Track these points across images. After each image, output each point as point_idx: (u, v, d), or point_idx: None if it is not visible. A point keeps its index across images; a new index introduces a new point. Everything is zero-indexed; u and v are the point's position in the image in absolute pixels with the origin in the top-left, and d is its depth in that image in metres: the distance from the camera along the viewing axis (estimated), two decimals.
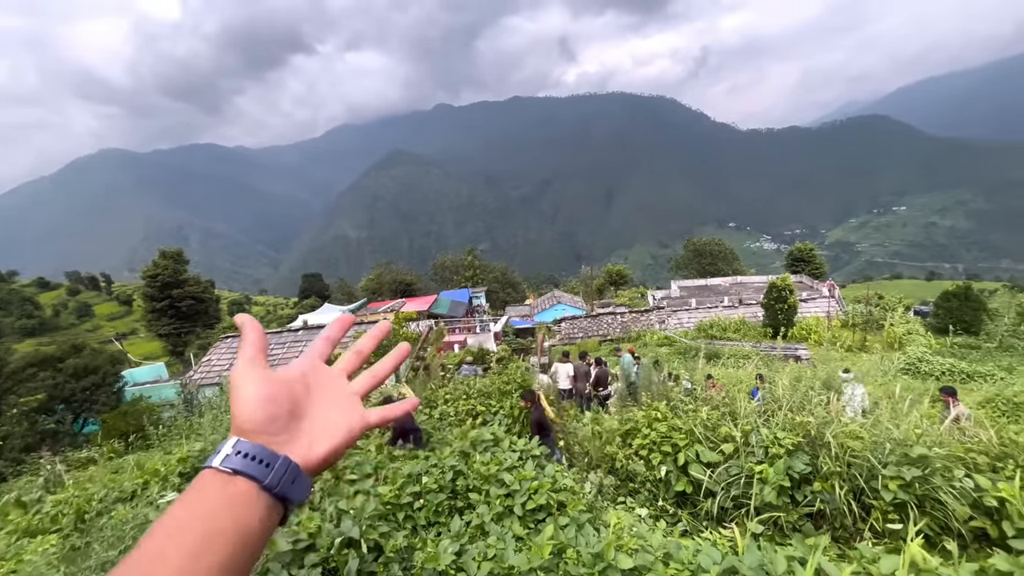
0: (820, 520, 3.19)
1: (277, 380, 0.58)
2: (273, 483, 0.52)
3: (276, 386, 0.57)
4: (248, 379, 0.57)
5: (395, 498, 3.04)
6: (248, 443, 0.53)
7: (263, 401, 0.56)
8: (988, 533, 2.69)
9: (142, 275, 42.01)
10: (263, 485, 0.51)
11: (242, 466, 0.51)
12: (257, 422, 0.55)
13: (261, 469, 0.51)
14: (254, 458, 0.52)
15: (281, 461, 0.53)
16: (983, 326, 22.48)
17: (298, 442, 0.56)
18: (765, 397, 5.31)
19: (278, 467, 0.52)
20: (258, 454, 0.52)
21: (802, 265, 44.74)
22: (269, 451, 0.53)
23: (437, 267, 64.67)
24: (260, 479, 0.51)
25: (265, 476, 0.51)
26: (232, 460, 0.51)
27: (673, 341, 22.07)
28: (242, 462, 0.51)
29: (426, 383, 7.40)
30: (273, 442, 0.54)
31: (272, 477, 0.52)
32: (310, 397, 0.60)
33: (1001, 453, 3.24)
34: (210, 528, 0.47)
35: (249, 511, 0.50)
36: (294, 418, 0.57)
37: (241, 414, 0.55)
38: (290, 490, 0.53)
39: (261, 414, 0.55)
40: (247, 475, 0.51)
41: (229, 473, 0.50)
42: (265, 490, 0.51)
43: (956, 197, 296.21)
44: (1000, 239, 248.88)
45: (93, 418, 16.47)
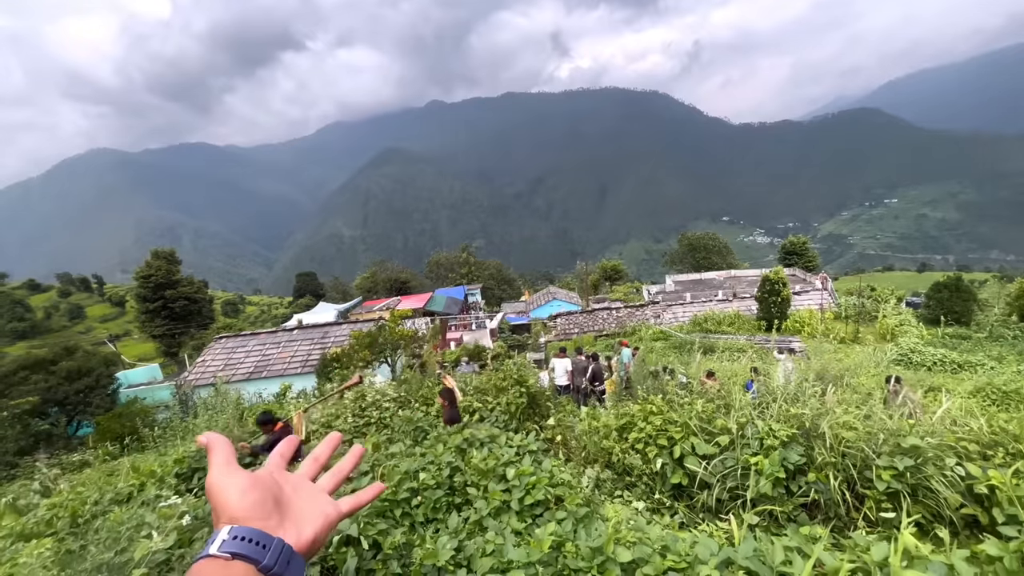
0: (815, 510, 3.22)
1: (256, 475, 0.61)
2: (270, 564, 0.52)
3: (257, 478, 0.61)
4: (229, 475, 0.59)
5: (392, 495, 3.04)
6: (242, 527, 0.54)
7: (249, 489, 0.58)
8: (979, 520, 2.73)
9: (135, 276, 41.61)
10: (261, 566, 0.52)
11: (239, 548, 0.52)
12: (247, 508, 0.56)
13: (258, 551, 0.52)
14: (250, 540, 0.53)
15: (276, 542, 0.54)
16: (973, 316, 22.74)
17: (287, 526, 0.58)
18: (760, 390, 5.35)
19: (274, 548, 0.54)
20: (254, 536, 0.53)
21: (795, 258, 45.02)
22: (264, 533, 0.54)
23: (432, 265, 64.55)
24: (258, 559, 0.52)
25: (263, 557, 0.52)
26: (229, 544, 0.52)
27: (669, 335, 22.17)
28: (239, 545, 0.52)
29: (423, 380, 7.40)
30: (265, 526, 0.56)
31: (269, 558, 0.52)
32: (284, 493, 0.63)
33: (991, 441, 3.29)
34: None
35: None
36: (278, 507, 0.60)
37: (229, 502, 0.56)
38: (287, 570, 0.54)
39: (249, 500, 0.57)
40: (245, 557, 0.51)
41: (227, 558, 0.51)
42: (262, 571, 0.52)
43: (946, 189, 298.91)
44: (989, 230, 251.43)
45: (87, 421, 16.34)
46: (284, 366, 16.90)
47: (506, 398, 6.29)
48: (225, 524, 0.55)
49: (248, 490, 0.57)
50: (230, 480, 0.58)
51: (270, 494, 0.60)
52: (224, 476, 0.59)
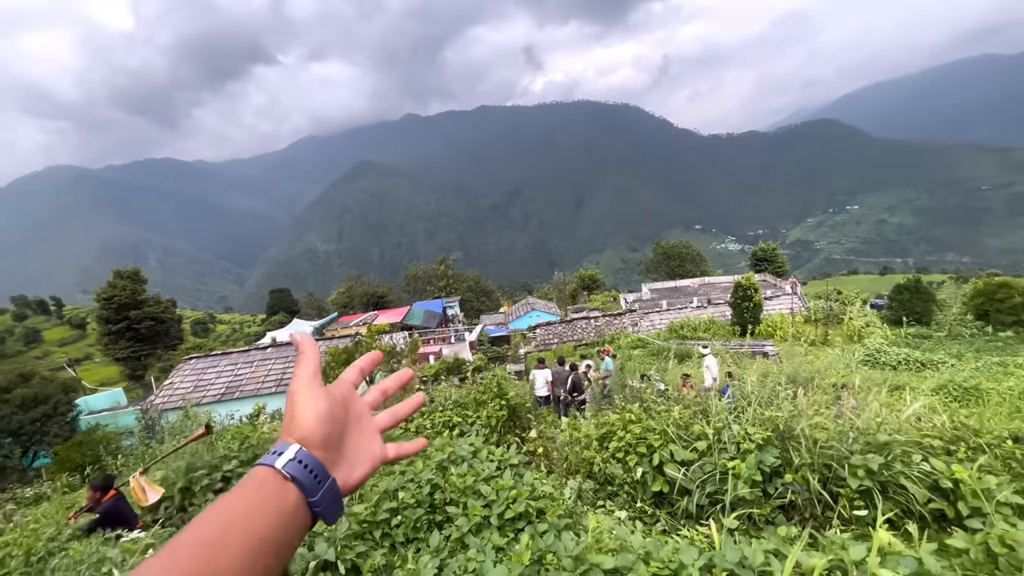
0: (792, 511, 3.28)
1: (335, 400, 0.61)
2: (320, 500, 0.54)
3: (335, 406, 0.60)
4: (314, 394, 0.59)
5: (371, 515, 2.96)
6: (308, 454, 0.55)
7: (327, 419, 0.58)
8: (946, 514, 2.83)
9: (96, 297, 39.91)
10: (311, 500, 0.53)
11: (300, 474, 0.53)
12: (320, 437, 0.57)
13: (314, 484, 0.54)
14: (310, 470, 0.54)
15: (331, 481, 0.56)
16: (933, 316, 23.78)
17: (342, 465, 0.59)
18: (735, 394, 5.45)
19: (328, 485, 0.55)
20: (315, 468, 0.54)
21: (765, 264, 46.36)
22: (323, 467, 0.55)
23: (409, 278, 64.00)
24: (311, 493, 0.53)
25: (316, 491, 0.53)
26: (293, 466, 0.53)
27: (647, 343, 22.45)
28: (301, 471, 0.53)
29: (401, 396, 7.30)
30: (326, 459, 0.57)
31: (321, 494, 0.54)
32: (348, 423, 0.63)
33: (954, 437, 3.42)
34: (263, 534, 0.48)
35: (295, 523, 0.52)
36: (340, 440, 0.60)
37: (305, 425, 0.56)
38: (328, 511, 0.55)
39: (324, 430, 0.57)
40: (302, 485, 0.53)
41: (287, 478, 0.52)
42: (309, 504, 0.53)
43: (903, 196, 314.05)
44: (944, 234, 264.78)
45: (44, 451, 15.49)
46: (257, 386, 16.40)
47: (486, 411, 6.24)
48: (295, 442, 0.55)
49: (325, 419, 0.58)
50: (313, 401, 0.58)
51: (340, 426, 0.60)
52: (309, 394, 0.59)
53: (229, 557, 0.44)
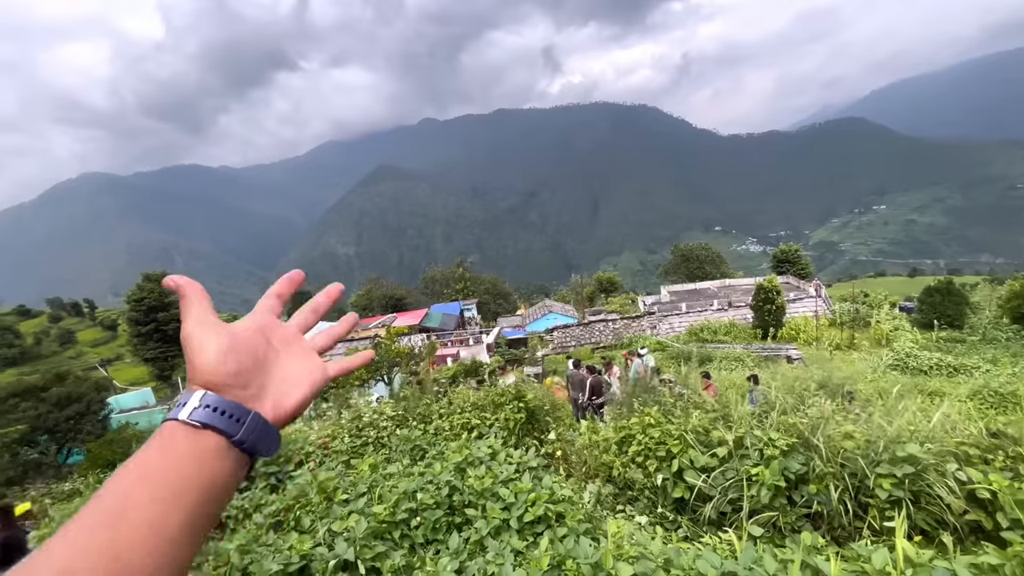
0: (818, 520, 3.19)
1: (238, 332, 0.56)
2: (244, 439, 0.50)
3: (238, 338, 0.55)
4: (208, 331, 0.53)
5: (390, 516, 2.98)
6: (216, 396, 0.50)
7: (228, 353, 0.52)
8: (983, 526, 2.72)
9: (126, 299, 41.28)
10: (233, 440, 0.49)
11: (211, 419, 0.48)
12: (224, 375, 0.51)
13: (231, 424, 0.49)
14: (223, 412, 0.49)
15: (252, 416, 0.51)
16: (966, 319, 22.92)
17: (266, 396, 0.55)
18: (758, 399, 5.34)
19: (249, 422, 0.51)
20: (227, 408, 0.50)
21: (788, 266, 45.34)
22: (238, 406, 0.51)
23: (427, 280, 64.49)
24: (231, 434, 0.49)
25: (236, 431, 0.49)
26: (200, 413, 0.48)
27: (665, 346, 22.17)
28: (211, 415, 0.49)
29: (420, 398, 7.34)
30: (241, 396, 0.52)
31: (243, 432, 0.50)
32: (270, 350, 0.58)
33: (991, 445, 3.29)
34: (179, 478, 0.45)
35: (218, 464, 0.48)
36: (259, 371, 0.55)
37: (205, 366, 0.51)
38: (260, 445, 0.52)
39: (228, 367, 0.52)
40: (217, 429, 0.48)
41: (197, 427, 0.48)
42: (235, 445, 0.49)
43: (933, 195, 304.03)
44: (977, 234, 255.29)
45: (78, 448, 16.06)
46: None
47: (504, 413, 6.24)
48: (199, 388, 0.51)
49: (227, 353, 0.52)
50: (210, 338, 0.52)
51: (251, 356, 0.55)
52: (203, 331, 0.52)
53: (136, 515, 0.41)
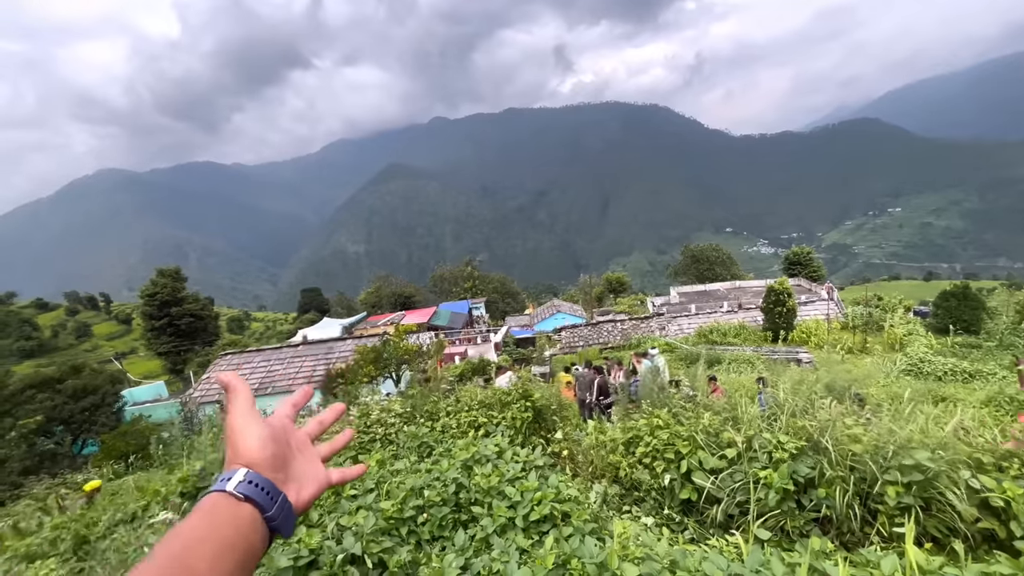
0: (827, 525, 3.16)
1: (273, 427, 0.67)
2: (275, 515, 0.58)
3: (274, 429, 0.67)
4: (251, 421, 0.64)
5: (398, 512, 3.01)
6: (257, 474, 0.60)
7: (269, 441, 0.64)
8: (996, 534, 2.67)
9: (140, 294, 41.96)
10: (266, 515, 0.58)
11: (252, 493, 0.57)
12: (264, 458, 0.62)
13: (267, 499, 0.58)
14: (262, 489, 0.58)
15: (283, 497, 0.61)
16: (983, 325, 22.47)
17: (291, 483, 0.65)
18: (768, 401, 5.29)
19: (281, 501, 0.60)
20: (266, 486, 0.59)
21: (799, 268, 44.80)
22: (274, 485, 0.60)
23: (436, 279, 64.69)
24: (266, 509, 0.58)
25: (270, 507, 0.58)
26: (244, 487, 0.57)
27: (674, 347, 22.03)
28: (252, 490, 0.58)
29: (428, 395, 7.38)
30: (275, 479, 0.62)
31: (276, 509, 0.59)
32: (291, 449, 0.69)
33: (1006, 452, 3.23)
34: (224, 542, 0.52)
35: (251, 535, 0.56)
36: (287, 462, 0.66)
37: (251, 450, 0.62)
38: (283, 524, 0.60)
39: (268, 451, 0.63)
40: (255, 503, 0.57)
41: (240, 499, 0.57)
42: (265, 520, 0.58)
43: (949, 197, 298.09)
44: (995, 238, 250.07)
45: (92, 439, 16.34)
46: (289, 382, 16.90)
47: (511, 412, 6.25)
48: (242, 466, 0.60)
49: (267, 442, 0.63)
50: (252, 427, 0.64)
51: (282, 447, 0.66)
52: (247, 421, 0.64)
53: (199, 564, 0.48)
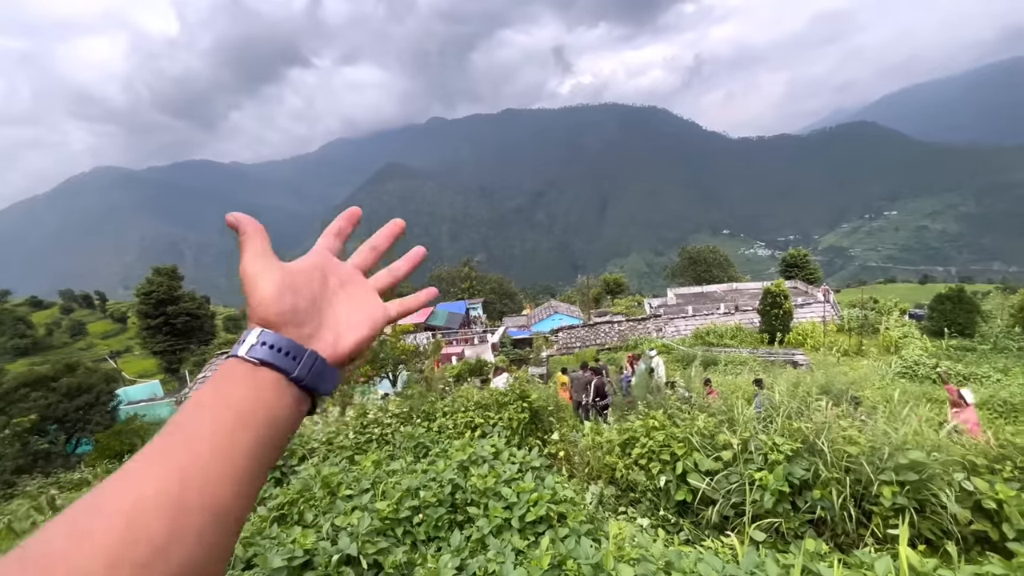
0: (822, 526, 3.17)
1: (295, 270, 0.55)
2: (301, 376, 0.49)
3: (296, 276, 0.54)
4: (265, 268, 0.53)
5: (393, 513, 3.00)
6: (273, 334, 0.50)
7: (286, 291, 0.52)
8: (989, 536, 2.69)
9: (136, 292, 41.74)
10: (291, 377, 0.49)
11: (268, 357, 0.48)
12: (281, 313, 0.51)
13: (288, 361, 0.49)
14: (280, 350, 0.49)
15: (308, 354, 0.50)
16: (977, 328, 22.62)
17: (323, 335, 0.54)
18: (764, 403, 5.31)
19: (305, 360, 0.50)
20: (284, 346, 0.49)
21: (796, 271, 45.00)
22: (295, 344, 0.50)
23: (433, 279, 64.65)
24: (288, 371, 0.49)
25: (293, 368, 0.49)
26: (257, 351, 0.48)
27: (671, 349, 22.08)
28: (268, 353, 0.48)
29: (425, 396, 7.37)
30: (299, 335, 0.51)
31: (300, 370, 0.49)
32: (328, 290, 0.57)
33: (999, 455, 3.25)
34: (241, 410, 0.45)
35: (278, 400, 0.48)
36: (316, 310, 0.54)
37: (263, 304, 0.51)
38: (318, 382, 0.51)
39: (285, 304, 0.51)
40: (274, 366, 0.48)
41: (255, 364, 0.48)
42: (293, 382, 0.49)
43: (946, 201, 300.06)
44: (990, 242, 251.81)
45: (87, 438, 16.26)
46: None
47: (508, 413, 6.25)
48: (256, 326, 0.50)
49: (284, 291, 0.52)
50: (267, 274, 0.52)
51: (308, 295, 0.54)
52: (260, 267, 0.53)
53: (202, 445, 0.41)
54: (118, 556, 0.34)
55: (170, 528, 0.36)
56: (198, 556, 0.38)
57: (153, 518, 0.36)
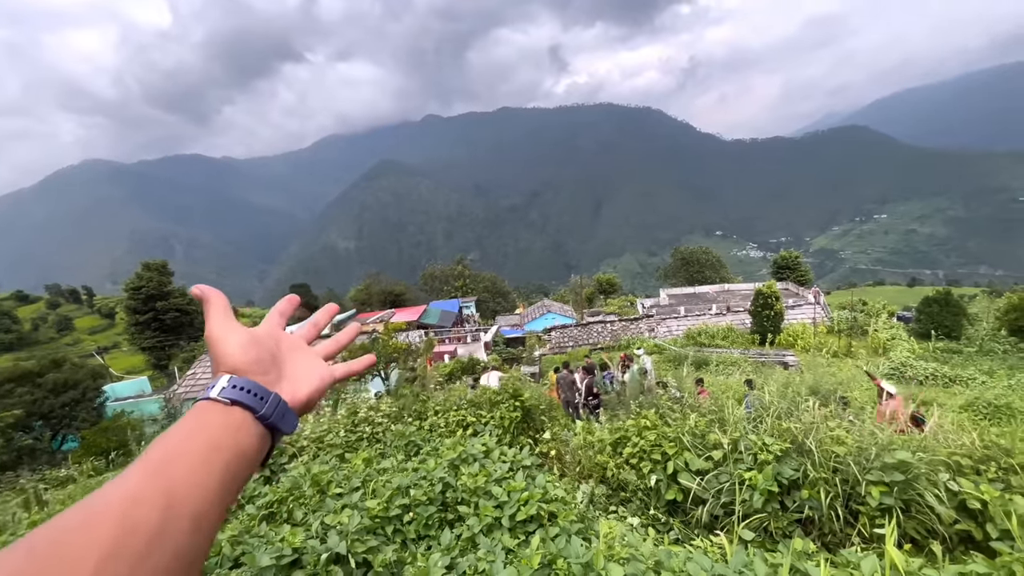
0: (810, 526, 3.20)
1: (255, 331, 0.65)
2: (267, 414, 0.56)
3: (256, 335, 0.64)
4: (230, 329, 0.62)
5: (383, 511, 2.99)
6: (241, 378, 0.57)
7: (250, 345, 0.61)
8: (973, 535, 2.73)
9: (125, 287, 41.20)
10: (258, 415, 0.56)
11: (239, 396, 0.55)
12: (248, 362, 0.60)
13: (256, 400, 0.56)
14: (249, 391, 0.56)
15: (273, 395, 0.58)
16: (964, 331, 22.95)
17: (284, 383, 0.62)
18: (754, 404, 5.35)
19: (271, 400, 0.58)
20: (251, 387, 0.57)
21: (787, 272, 45.40)
22: (261, 386, 0.58)
23: (427, 277, 64.45)
24: (256, 409, 0.56)
25: (260, 407, 0.56)
26: (229, 392, 0.55)
27: (663, 349, 22.19)
28: (238, 393, 0.56)
29: (416, 395, 7.35)
30: (264, 380, 0.60)
31: (267, 408, 0.57)
32: (282, 351, 0.66)
33: (983, 456, 3.30)
34: (215, 442, 0.51)
35: (246, 434, 0.55)
36: (276, 364, 0.64)
37: (231, 355, 0.59)
38: (281, 422, 0.58)
39: (250, 355, 0.60)
40: (243, 405, 0.55)
41: (226, 403, 0.55)
42: (259, 420, 0.56)
43: (935, 205, 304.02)
44: (977, 245, 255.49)
45: (72, 435, 16.03)
46: None
47: (500, 412, 6.24)
48: (225, 373, 0.58)
49: (248, 345, 0.61)
50: (231, 334, 0.61)
51: (268, 352, 0.63)
52: (225, 329, 0.61)
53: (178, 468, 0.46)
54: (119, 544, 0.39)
55: (162, 520, 0.42)
56: (186, 549, 0.43)
57: (148, 511, 0.42)
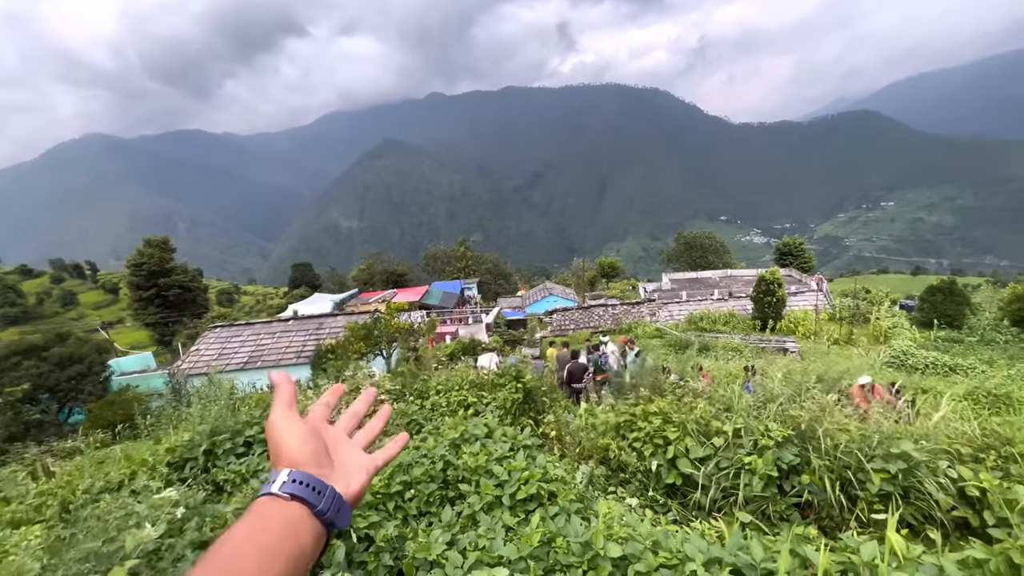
0: (808, 510, 3.23)
1: (312, 425, 0.68)
2: (324, 509, 0.58)
3: (314, 427, 0.67)
4: (290, 421, 0.65)
5: (385, 488, 3.02)
6: (301, 472, 0.60)
7: (309, 438, 0.64)
8: (970, 522, 2.75)
9: (127, 264, 41.27)
10: (315, 510, 0.58)
11: (298, 491, 0.58)
12: (306, 455, 0.62)
13: (314, 495, 0.58)
14: (308, 485, 0.59)
15: (330, 489, 0.61)
16: (966, 320, 22.90)
17: (338, 476, 0.65)
18: (756, 390, 5.36)
19: (328, 494, 0.60)
20: (311, 482, 0.59)
21: (791, 259, 45.18)
22: (319, 480, 0.61)
23: (429, 258, 64.32)
24: (314, 504, 0.58)
25: (318, 502, 0.58)
26: (289, 486, 0.58)
27: (664, 333, 22.23)
28: (298, 488, 0.58)
29: (418, 374, 7.40)
30: (320, 474, 0.62)
31: (324, 503, 0.59)
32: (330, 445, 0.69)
33: (983, 444, 3.31)
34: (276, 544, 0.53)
35: (303, 533, 0.56)
36: (329, 458, 0.66)
37: (291, 449, 0.62)
38: (337, 516, 0.60)
39: (309, 448, 0.63)
40: (302, 500, 0.57)
41: (287, 498, 0.57)
42: (316, 515, 0.58)
43: (943, 193, 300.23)
44: (984, 235, 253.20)
45: (79, 408, 16.25)
46: (279, 357, 16.84)
47: (502, 393, 6.29)
48: (285, 467, 0.60)
49: (307, 439, 0.64)
50: (292, 426, 0.64)
51: (323, 444, 0.66)
52: (286, 421, 0.65)
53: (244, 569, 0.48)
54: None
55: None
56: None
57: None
